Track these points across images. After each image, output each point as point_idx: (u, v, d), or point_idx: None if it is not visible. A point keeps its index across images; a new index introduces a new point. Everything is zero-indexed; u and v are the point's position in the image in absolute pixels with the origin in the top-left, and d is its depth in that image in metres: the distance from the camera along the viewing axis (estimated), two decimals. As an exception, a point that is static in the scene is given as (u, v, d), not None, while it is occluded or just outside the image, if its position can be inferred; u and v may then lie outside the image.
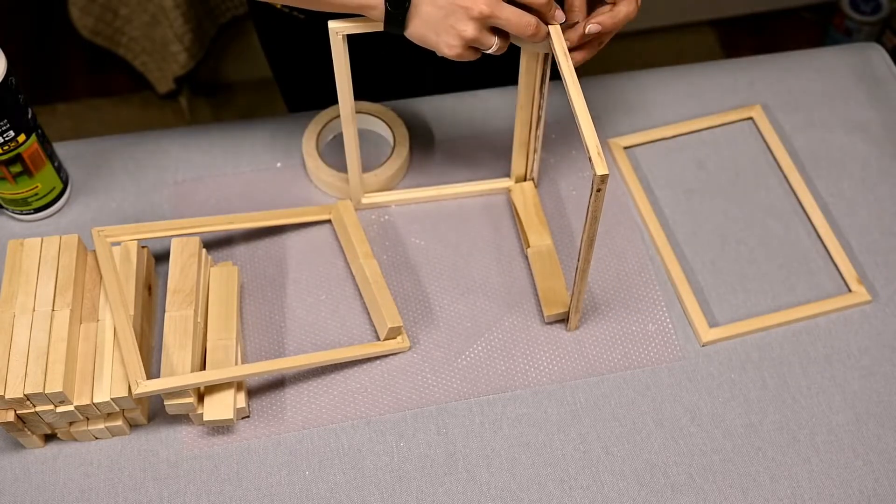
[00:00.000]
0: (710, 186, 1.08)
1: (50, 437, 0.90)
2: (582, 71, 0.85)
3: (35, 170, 0.99)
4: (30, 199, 1.01)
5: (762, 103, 1.14)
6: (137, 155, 1.10)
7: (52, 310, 0.87)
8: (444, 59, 0.85)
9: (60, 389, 0.82)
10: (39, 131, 0.99)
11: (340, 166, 1.03)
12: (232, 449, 0.89)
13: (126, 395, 0.85)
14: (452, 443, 0.90)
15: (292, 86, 1.29)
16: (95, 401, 0.84)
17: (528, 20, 0.81)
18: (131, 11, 2.04)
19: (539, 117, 0.95)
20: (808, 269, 1.01)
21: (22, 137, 0.96)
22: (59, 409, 0.84)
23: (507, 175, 1.07)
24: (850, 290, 0.99)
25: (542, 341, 0.96)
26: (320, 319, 0.97)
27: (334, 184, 1.04)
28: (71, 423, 0.87)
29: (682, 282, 0.99)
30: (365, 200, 1.04)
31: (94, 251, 0.94)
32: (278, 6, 1.08)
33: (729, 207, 1.06)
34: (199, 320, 0.90)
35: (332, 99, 0.94)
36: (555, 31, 0.83)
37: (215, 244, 1.02)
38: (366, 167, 1.05)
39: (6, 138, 0.94)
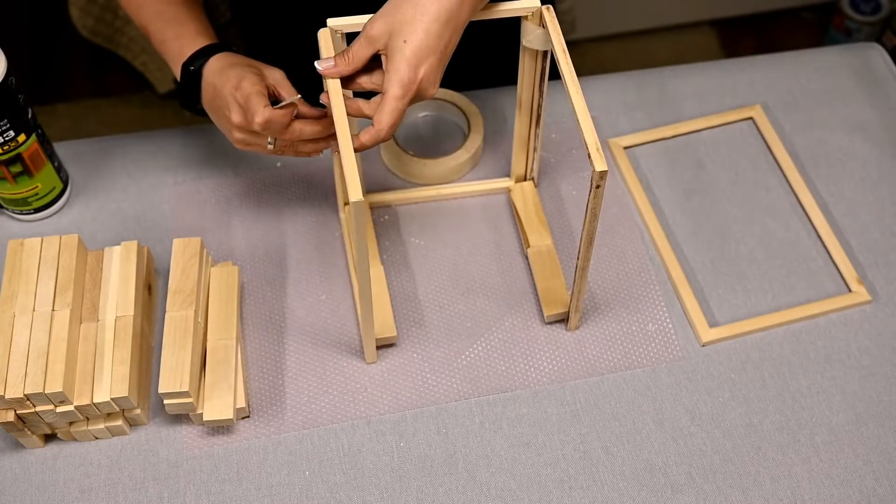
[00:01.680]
0: (710, 186, 1.08)
1: (50, 437, 0.90)
2: (581, 71, 0.85)
3: (35, 170, 0.99)
4: (30, 199, 1.01)
5: (762, 103, 1.14)
6: (137, 155, 1.10)
7: (52, 310, 0.87)
8: None
9: (60, 389, 0.82)
10: (39, 131, 0.99)
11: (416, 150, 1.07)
12: (232, 449, 0.89)
13: (126, 394, 0.85)
14: (452, 443, 0.90)
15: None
16: (95, 401, 0.84)
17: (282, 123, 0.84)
18: (131, 11, 2.04)
19: (538, 116, 0.95)
20: (808, 269, 1.01)
21: (22, 137, 0.96)
22: (59, 409, 0.84)
23: (507, 175, 1.07)
24: (850, 290, 0.99)
25: (542, 341, 0.96)
26: (320, 319, 0.97)
27: (407, 169, 1.06)
28: (71, 423, 0.87)
29: (682, 282, 0.99)
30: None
31: (94, 251, 0.94)
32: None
33: (729, 207, 1.06)
34: (199, 320, 0.90)
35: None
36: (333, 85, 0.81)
37: (216, 244, 1.02)
38: (435, 154, 1.06)
39: (6, 138, 0.94)
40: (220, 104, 0.87)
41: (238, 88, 0.84)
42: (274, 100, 0.87)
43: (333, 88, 0.80)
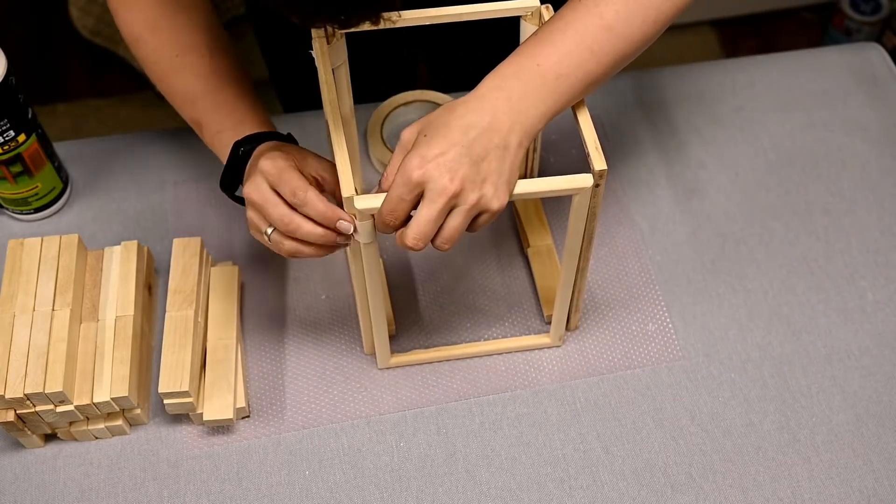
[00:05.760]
0: (710, 186, 1.08)
1: (50, 437, 0.90)
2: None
3: (35, 170, 0.99)
4: (30, 199, 1.01)
5: (762, 103, 1.14)
6: (137, 155, 1.10)
7: (52, 310, 0.87)
8: (437, 59, 0.85)
9: (60, 389, 0.82)
10: (39, 131, 0.99)
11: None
12: (232, 449, 0.89)
13: (126, 394, 0.85)
14: (452, 443, 0.90)
15: (288, 85, 1.29)
16: (95, 401, 0.84)
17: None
18: (131, 11, 2.04)
19: (539, 117, 0.95)
20: (809, 269, 1.01)
21: (22, 137, 0.96)
22: (59, 409, 0.84)
23: (507, 175, 1.07)
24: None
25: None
26: (320, 319, 0.97)
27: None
28: (71, 423, 0.87)
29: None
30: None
31: (94, 251, 0.94)
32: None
33: (729, 207, 1.06)
34: (199, 320, 0.90)
35: None
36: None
37: (216, 244, 1.02)
38: None
39: (6, 138, 0.94)
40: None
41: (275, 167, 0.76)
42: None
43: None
